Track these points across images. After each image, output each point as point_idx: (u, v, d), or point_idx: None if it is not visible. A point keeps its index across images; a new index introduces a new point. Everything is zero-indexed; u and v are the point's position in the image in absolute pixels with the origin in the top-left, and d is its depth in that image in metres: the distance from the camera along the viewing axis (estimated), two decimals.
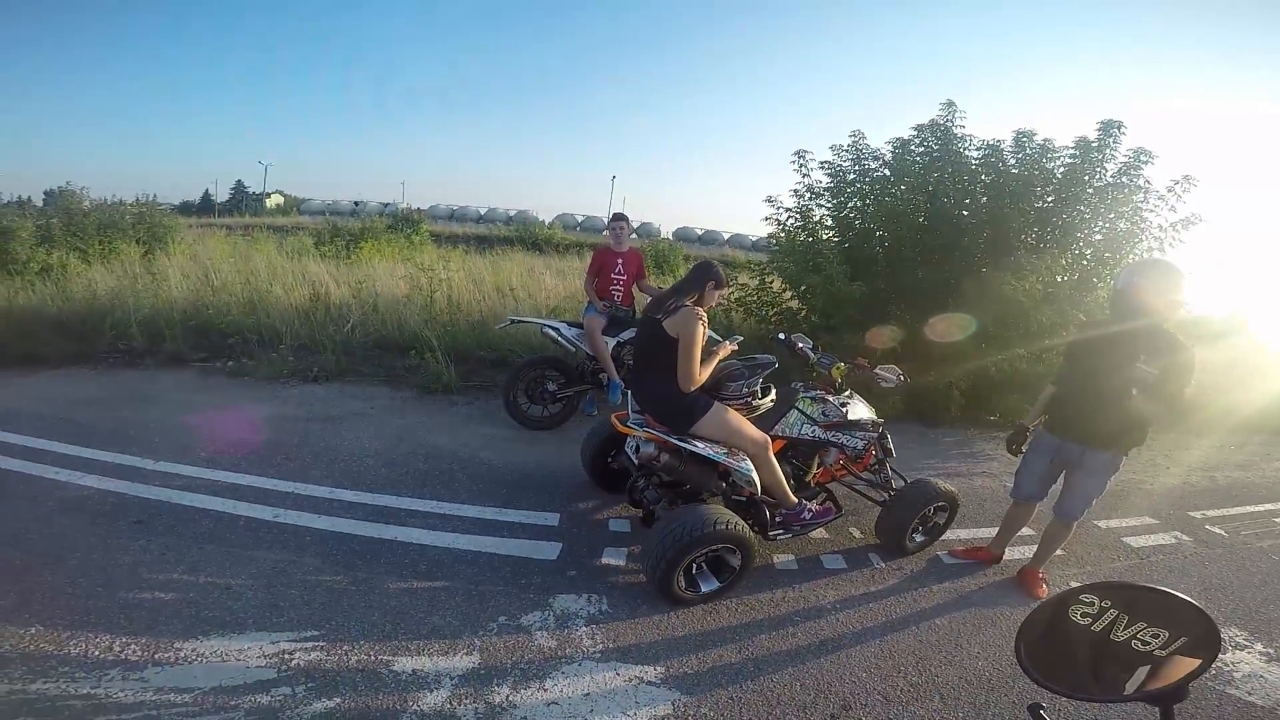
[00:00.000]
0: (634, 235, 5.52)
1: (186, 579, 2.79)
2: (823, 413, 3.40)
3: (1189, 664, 0.77)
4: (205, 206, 48.02)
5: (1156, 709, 0.79)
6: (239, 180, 61.34)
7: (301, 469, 3.93)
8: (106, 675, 2.20)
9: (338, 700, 2.17)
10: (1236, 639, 3.05)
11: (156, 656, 2.30)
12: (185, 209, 38.99)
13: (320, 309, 7.31)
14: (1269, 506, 4.92)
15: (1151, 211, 6.33)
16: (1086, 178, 6.31)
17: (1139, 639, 0.80)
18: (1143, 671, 0.80)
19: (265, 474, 3.82)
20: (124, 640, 2.37)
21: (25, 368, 5.65)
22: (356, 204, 43.35)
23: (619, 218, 5.32)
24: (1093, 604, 0.85)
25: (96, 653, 2.30)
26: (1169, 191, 6.28)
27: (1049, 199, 6.41)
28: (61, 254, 9.31)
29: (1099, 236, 6.43)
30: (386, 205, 40.62)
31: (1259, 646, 3.00)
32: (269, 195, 56.33)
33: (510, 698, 2.24)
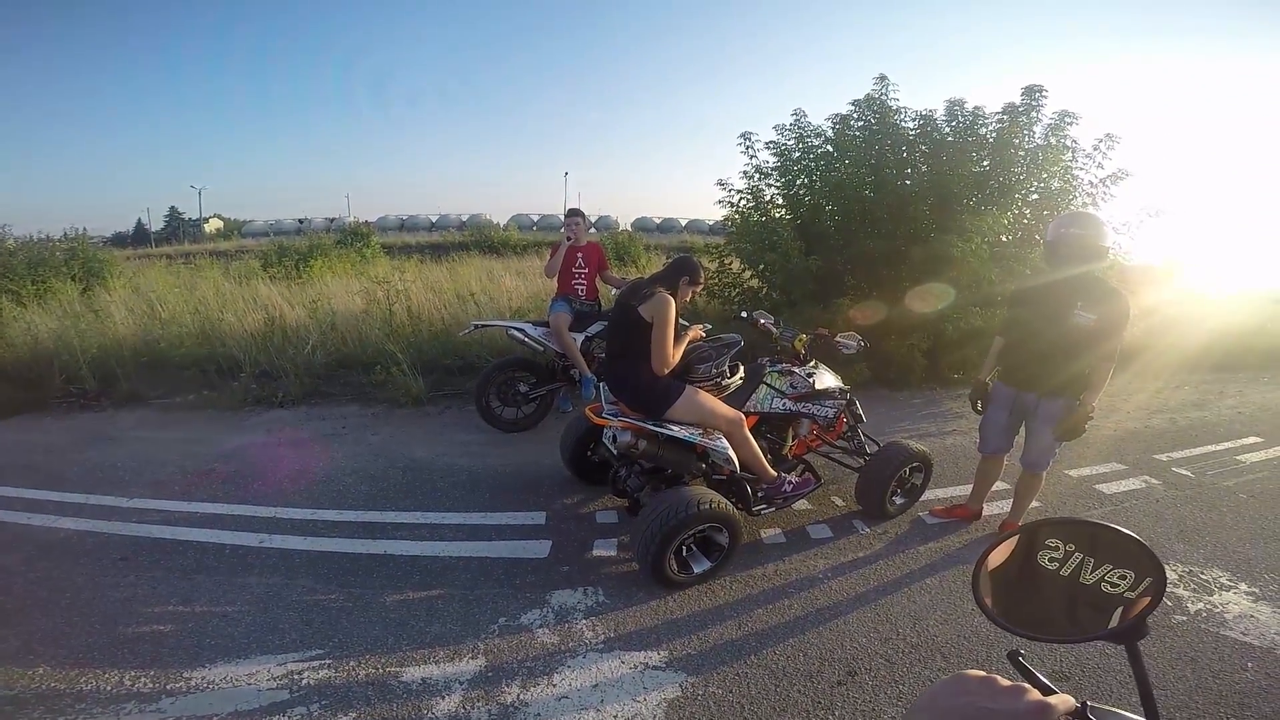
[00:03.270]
0: (592, 230, 5.54)
1: (182, 610, 2.77)
2: (791, 385, 3.48)
3: (1143, 602, 0.79)
4: (140, 237, 46.15)
5: (1122, 648, 0.80)
6: (172, 207, 58.93)
7: (280, 494, 3.88)
8: (123, 709, 2.20)
9: (354, 714, 2.19)
10: (1220, 580, 3.15)
11: (168, 687, 2.30)
12: (119, 240, 37.52)
13: (277, 333, 7.14)
14: (1228, 444, 5.14)
15: (1081, 169, 6.67)
16: (1017, 140, 6.57)
17: (1108, 581, 0.82)
18: (1116, 613, 0.81)
19: (244, 502, 3.77)
20: (133, 674, 2.36)
21: None
22: (301, 222, 42.22)
23: (574, 213, 5.33)
24: (1058, 548, 0.87)
25: (109, 688, 2.29)
26: (1095, 150, 6.64)
27: (985, 163, 6.65)
28: None
29: (1035, 195, 6.72)
30: (332, 220, 39.67)
31: (1244, 586, 3.10)
32: (207, 220, 54.46)
33: (521, 696, 2.28)
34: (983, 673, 0.62)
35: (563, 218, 5.50)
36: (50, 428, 5.29)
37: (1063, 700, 0.60)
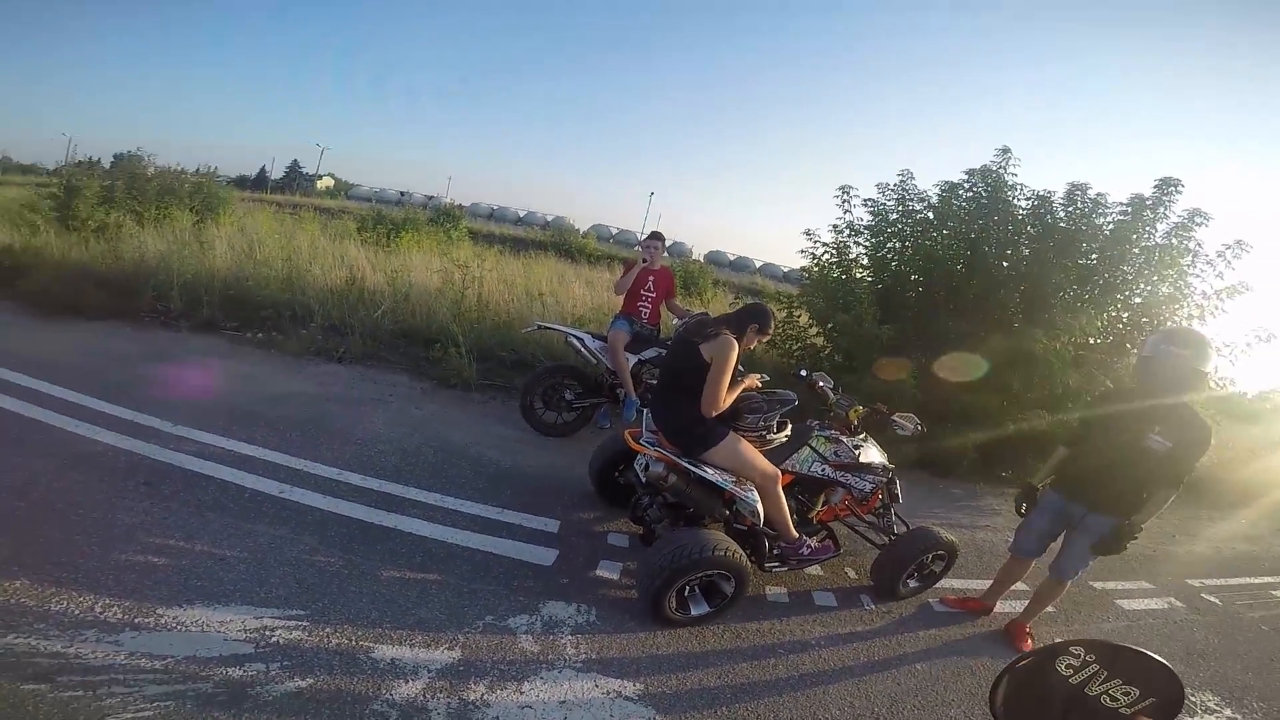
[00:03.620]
0: (665, 254, 5.54)
1: (182, 545, 2.83)
2: (835, 453, 3.39)
3: None
4: (260, 182, 49.28)
5: None
6: (295, 160, 62.98)
7: (313, 448, 3.99)
8: (81, 635, 2.21)
9: (310, 681, 2.19)
10: (1208, 703, 3.10)
11: (136, 621, 2.32)
12: (241, 183, 40.05)
13: (354, 292, 7.44)
14: (1269, 579, 4.90)
15: (1197, 277, 6.13)
16: (1135, 236, 6.12)
17: (1110, 694, 0.82)
18: None
19: (277, 448, 3.88)
20: (106, 601, 2.39)
21: (66, 319, 5.84)
22: (402, 194, 44.24)
23: (655, 236, 5.34)
24: (1079, 656, 0.87)
25: (77, 611, 2.31)
26: (1218, 256, 6.07)
27: (1093, 256, 6.25)
28: (120, 215, 9.60)
29: (1139, 300, 6.27)
30: (430, 198, 41.35)
31: (1228, 712, 3.07)
32: (321, 178, 57.78)
33: (485, 696, 2.25)
34: None
35: (640, 236, 5.52)
36: (128, 339, 5.64)
37: None
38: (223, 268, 7.71)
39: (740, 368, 3.22)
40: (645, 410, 3.27)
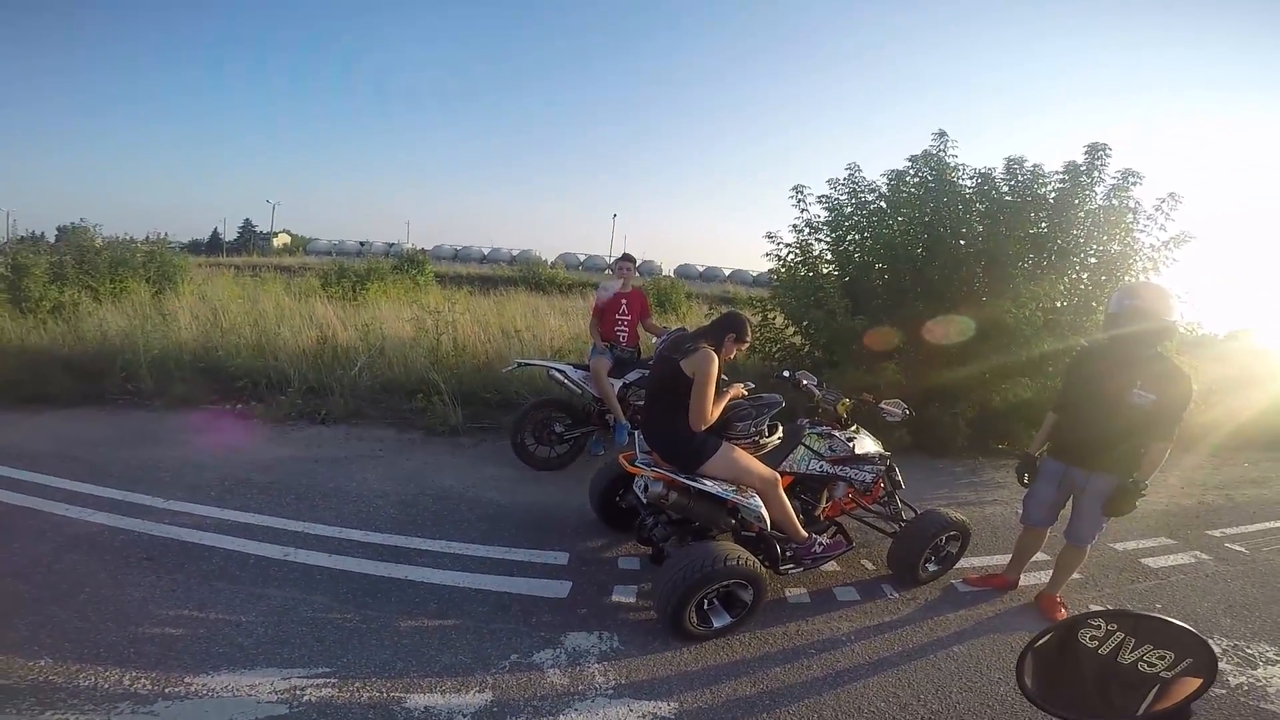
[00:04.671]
0: (636, 274, 5.59)
1: (196, 615, 2.81)
2: (829, 448, 3.43)
3: (1191, 684, 0.78)
4: (214, 245, 48.72)
5: None
6: (247, 219, 62.58)
7: (311, 509, 3.95)
8: (116, 709, 2.21)
9: None
10: (1266, 654, 3.06)
11: (166, 690, 2.31)
12: (194, 248, 39.58)
13: (328, 351, 7.37)
14: None
15: (1142, 231, 6.42)
16: (1077, 201, 6.40)
17: (1145, 661, 0.81)
18: (1150, 694, 0.81)
19: (275, 514, 3.84)
20: (134, 674, 2.38)
21: (35, 406, 5.72)
22: (362, 244, 44.02)
23: (626, 258, 5.40)
24: (1100, 628, 0.86)
25: (106, 686, 2.32)
26: (1157, 210, 6.37)
27: (1043, 224, 6.48)
28: (74, 292, 9.39)
29: (1094, 260, 6.51)
30: (391, 245, 41.17)
31: None
32: (276, 234, 57.24)
33: None
34: None
35: (608, 260, 5.59)
36: (102, 423, 5.52)
37: None
38: (189, 340, 7.60)
39: (724, 377, 3.26)
40: (636, 432, 3.28)
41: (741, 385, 3.47)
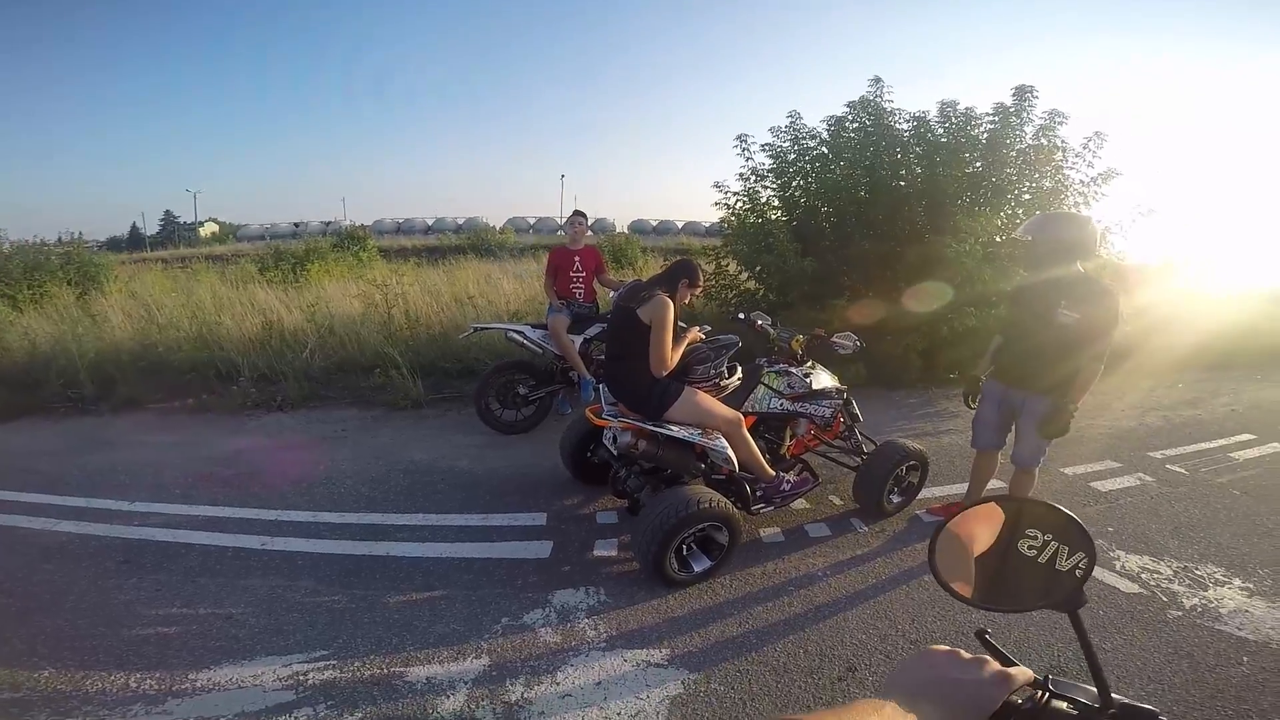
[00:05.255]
0: (590, 232, 5.56)
1: (185, 612, 2.79)
2: (788, 385, 3.51)
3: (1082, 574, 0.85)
4: (135, 241, 45.98)
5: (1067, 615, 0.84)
6: (167, 210, 58.91)
7: (281, 497, 3.90)
8: (130, 711, 2.22)
9: (360, 714, 2.21)
10: (1215, 575, 3.19)
11: (174, 688, 2.32)
12: (114, 245, 37.37)
13: (275, 337, 7.17)
14: (1222, 442, 5.18)
15: (1072, 168, 6.70)
16: (1009, 141, 6.62)
17: (1079, 567, 0.84)
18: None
19: (245, 505, 3.79)
20: (139, 676, 2.38)
21: None
22: (297, 225, 42.26)
23: (577, 214, 5.36)
24: (1036, 537, 0.89)
25: (114, 690, 2.32)
26: (1084, 149, 6.65)
27: (977, 164, 6.70)
28: None
29: (1028, 196, 6.75)
30: (328, 224, 39.64)
31: (1238, 582, 3.13)
32: (202, 224, 54.45)
33: (525, 694, 2.31)
34: (948, 647, 0.69)
35: (560, 220, 5.55)
36: (49, 432, 5.31)
37: (1021, 672, 0.67)
38: (125, 339, 7.29)
39: (681, 324, 3.31)
40: (601, 386, 3.33)
41: (697, 329, 3.51)
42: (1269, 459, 4.82)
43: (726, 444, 3.09)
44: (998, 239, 6.56)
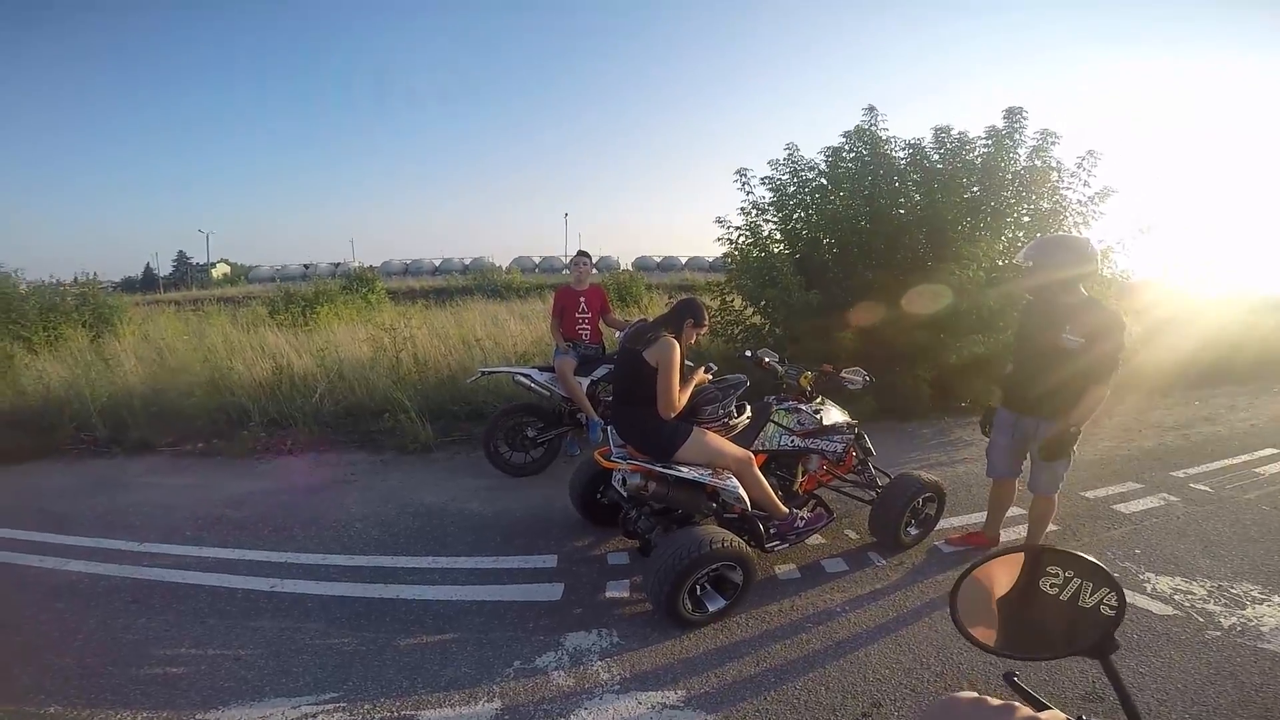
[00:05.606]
0: (594, 270, 5.62)
1: (194, 652, 2.79)
2: (798, 422, 3.51)
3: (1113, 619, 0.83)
4: (149, 282, 46.79)
5: (1098, 661, 0.83)
6: (180, 252, 60.22)
7: (291, 539, 3.90)
8: None
9: None
10: (1252, 593, 3.12)
11: None
12: (128, 286, 38.05)
13: (285, 381, 7.18)
14: (1245, 458, 5.11)
15: (1068, 188, 6.72)
16: (1003, 164, 6.66)
17: (1105, 604, 0.84)
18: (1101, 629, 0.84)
19: (255, 547, 3.79)
20: (146, 715, 2.38)
21: None
22: (307, 267, 42.85)
23: (581, 254, 5.43)
24: (1058, 575, 0.89)
25: None
26: (1079, 168, 6.68)
27: (974, 189, 6.74)
28: (5, 343, 8.95)
29: (1027, 218, 6.78)
30: (337, 265, 40.19)
31: (1277, 599, 3.08)
32: (214, 265, 55.37)
33: None
34: (974, 694, 0.64)
35: (564, 260, 5.62)
36: (61, 474, 5.34)
37: (1054, 716, 0.63)
38: (137, 383, 7.35)
39: (688, 363, 3.32)
40: (610, 427, 3.33)
41: (704, 368, 3.52)
42: None
43: (738, 483, 3.08)
44: (1000, 263, 6.59)
